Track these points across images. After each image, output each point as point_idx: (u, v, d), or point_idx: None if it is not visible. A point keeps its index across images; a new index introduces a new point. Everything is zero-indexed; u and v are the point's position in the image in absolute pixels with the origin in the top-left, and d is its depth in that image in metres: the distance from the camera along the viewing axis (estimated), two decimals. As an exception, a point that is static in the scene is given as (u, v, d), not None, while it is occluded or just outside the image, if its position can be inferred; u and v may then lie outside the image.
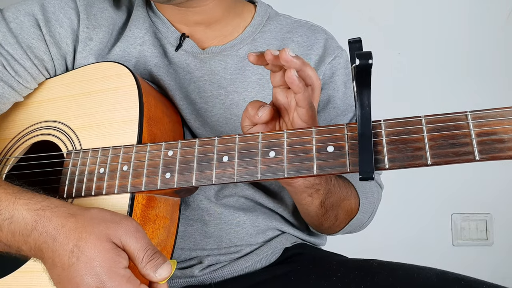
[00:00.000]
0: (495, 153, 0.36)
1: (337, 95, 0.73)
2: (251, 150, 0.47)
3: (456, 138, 0.38)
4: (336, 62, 0.74)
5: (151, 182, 0.52)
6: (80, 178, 0.57)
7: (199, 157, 0.50)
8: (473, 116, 0.39)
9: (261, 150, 0.46)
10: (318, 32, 0.76)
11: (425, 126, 0.40)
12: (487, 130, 0.37)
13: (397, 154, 0.39)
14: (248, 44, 0.71)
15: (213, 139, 0.50)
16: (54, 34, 0.64)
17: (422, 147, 0.39)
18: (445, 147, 0.38)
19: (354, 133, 0.42)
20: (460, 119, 0.39)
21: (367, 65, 0.36)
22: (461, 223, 1.41)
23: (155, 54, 0.68)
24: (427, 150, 0.39)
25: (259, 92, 0.69)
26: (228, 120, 0.67)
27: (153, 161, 0.53)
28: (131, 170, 0.54)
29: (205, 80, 0.68)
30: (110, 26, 0.68)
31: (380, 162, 0.40)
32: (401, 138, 0.40)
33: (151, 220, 0.57)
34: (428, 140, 0.39)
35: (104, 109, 0.60)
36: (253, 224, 0.69)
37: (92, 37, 0.66)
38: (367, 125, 0.39)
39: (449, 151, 0.38)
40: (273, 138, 0.46)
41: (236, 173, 0.47)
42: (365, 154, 0.39)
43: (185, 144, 0.51)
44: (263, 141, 0.47)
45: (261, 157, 0.46)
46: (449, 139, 0.38)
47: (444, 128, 0.39)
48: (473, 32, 1.41)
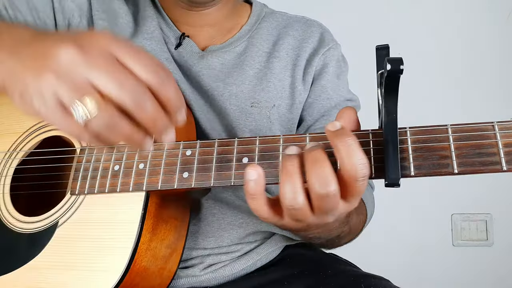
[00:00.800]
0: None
1: (329, 85, 0.74)
2: (272, 152, 0.47)
3: (483, 148, 0.38)
4: (330, 54, 0.75)
5: (168, 180, 0.52)
6: (93, 174, 0.56)
7: (218, 157, 0.50)
8: (500, 126, 0.39)
9: (282, 153, 0.46)
10: (314, 26, 0.78)
11: (451, 134, 0.40)
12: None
13: (423, 161, 0.40)
14: (245, 41, 0.74)
15: (232, 140, 0.50)
16: (63, 4, 0.68)
17: (448, 156, 0.39)
18: (472, 156, 0.38)
19: (379, 139, 0.42)
20: (487, 129, 0.39)
21: (398, 71, 0.36)
22: (461, 223, 1.41)
23: (163, 50, 0.69)
24: (453, 159, 0.39)
25: (257, 85, 0.70)
26: (228, 111, 0.68)
27: (171, 160, 0.52)
28: (147, 168, 0.53)
29: (203, 74, 0.69)
30: (114, 15, 0.70)
31: (405, 169, 0.40)
32: (426, 146, 0.40)
33: (164, 220, 0.57)
34: (455, 149, 0.39)
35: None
36: (255, 224, 0.69)
37: (103, 18, 0.69)
38: (394, 132, 0.39)
39: (476, 160, 0.38)
40: (295, 141, 0.46)
41: (257, 175, 0.47)
42: (391, 161, 0.39)
43: (204, 144, 0.51)
44: (285, 143, 0.47)
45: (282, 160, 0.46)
46: (476, 148, 0.39)
47: (470, 137, 0.39)
48: (473, 32, 1.42)
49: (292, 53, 0.74)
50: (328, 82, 0.74)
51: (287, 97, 0.72)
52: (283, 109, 0.71)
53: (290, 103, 0.72)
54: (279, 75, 0.71)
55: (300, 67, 0.73)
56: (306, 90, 0.74)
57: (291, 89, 0.72)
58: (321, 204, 0.40)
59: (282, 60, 0.73)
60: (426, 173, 0.39)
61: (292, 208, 0.40)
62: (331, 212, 0.41)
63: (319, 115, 0.73)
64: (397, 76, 0.38)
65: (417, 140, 0.41)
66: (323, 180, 0.39)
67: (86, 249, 0.54)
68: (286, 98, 0.71)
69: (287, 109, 0.71)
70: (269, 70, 0.71)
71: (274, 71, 0.71)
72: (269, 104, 0.69)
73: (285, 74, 0.72)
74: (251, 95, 0.69)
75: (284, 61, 0.73)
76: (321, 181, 0.39)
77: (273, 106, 0.70)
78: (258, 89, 0.69)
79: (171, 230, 0.58)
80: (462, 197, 1.41)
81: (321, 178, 0.39)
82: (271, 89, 0.70)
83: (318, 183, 0.39)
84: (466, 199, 1.41)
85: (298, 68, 0.73)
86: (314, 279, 0.63)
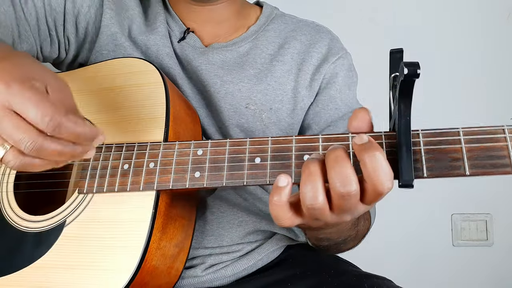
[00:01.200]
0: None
1: (339, 96, 0.74)
2: (285, 153, 0.47)
3: (494, 150, 0.39)
4: (340, 63, 0.74)
5: (179, 180, 0.52)
6: (102, 173, 0.56)
7: (230, 157, 0.50)
8: (510, 130, 0.40)
9: (295, 153, 0.47)
10: (323, 32, 0.77)
11: (463, 137, 0.41)
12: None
13: (435, 163, 0.40)
14: (250, 42, 0.73)
15: (245, 140, 0.50)
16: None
17: (460, 158, 0.40)
18: (483, 158, 0.39)
19: (392, 141, 0.42)
20: (497, 133, 0.40)
21: (415, 74, 0.37)
22: (461, 223, 1.41)
23: (166, 44, 0.69)
24: (465, 161, 0.40)
25: (256, 84, 0.70)
26: (222, 109, 0.68)
27: (182, 159, 0.53)
28: (158, 168, 0.53)
29: (202, 69, 0.69)
30: (124, 8, 0.71)
31: (418, 170, 0.41)
32: (439, 149, 0.41)
33: (173, 219, 0.57)
34: (466, 152, 0.40)
35: (128, 104, 0.59)
36: (255, 223, 0.69)
37: (113, 8, 0.70)
38: (408, 134, 0.40)
39: (487, 162, 0.39)
40: (308, 142, 0.47)
41: (269, 175, 0.47)
42: (405, 163, 0.39)
43: (216, 144, 0.52)
44: (297, 144, 0.47)
45: (295, 160, 0.47)
46: (487, 151, 0.40)
47: (481, 140, 0.40)
48: (473, 32, 1.42)
49: (297, 58, 0.73)
50: (337, 92, 0.74)
51: (288, 101, 0.71)
52: (283, 114, 0.70)
53: (291, 108, 0.71)
54: (280, 78, 0.71)
55: (306, 72, 0.72)
56: (311, 97, 0.73)
57: (293, 94, 0.71)
58: (341, 204, 0.41)
59: (286, 64, 0.72)
60: (439, 175, 0.40)
61: (312, 207, 0.41)
62: (350, 211, 0.42)
63: (326, 124, 0.73)
64: (413, 80, 0.39)
65: (429, 142, 0.41)
66: (344, 179, 0.39)
67: (95, 248, 0.54)
68: (287, 103, 0.71)
69: (287, 114, 0.71)
70: (270, 72, 0.71)
71: (276, 74, 0.71)
72: (265, 106, 0.69)
73: (288, 78, 0.71)
74: (247, 95, 0.69)
75: (288, 65, 0.72)
76: (342, 180, 0.39)
77: (269, 109, 0.69)
78: (255, 90, 0.69)
79: (179, 229, 0.59)
80: (462, 197, 1.40)
81: (342, 177, 0.40)
82: (269, 91, 0.70)
83: (340, 182, 0.40)
84: (466, 199, 1.40)
85: (304, 73, 0.72)
86: (316, 279, 0.63)
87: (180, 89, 0.68)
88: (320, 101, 0.73)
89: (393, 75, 0.42)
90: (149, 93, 0.59)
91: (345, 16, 1.41)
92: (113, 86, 0.62)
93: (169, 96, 0.58)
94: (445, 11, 1.42)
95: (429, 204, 1.40)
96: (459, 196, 1.40)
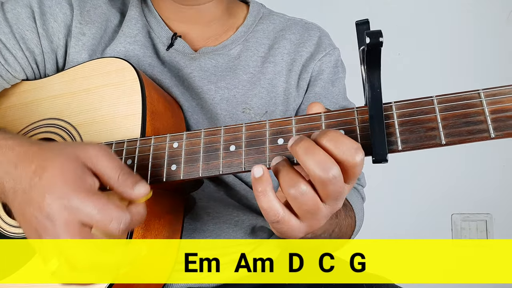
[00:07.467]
0: (511, 129, 0.36)
1: (323, 92, 0.73)
2: (259, 138, 0.46)
3: (470, 116, 0.38)
4: (327, 60, 0.73)
5: (156, 174, 0.51)
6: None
7: (205, 147, 0.49)
8: (486, 94, 0.38)
9: (269, 137, 0.46)
10: (312, 29, 0.76)
11: (437, 105, 0.39)
12: (501, 107, 0.37)
13: (410, 135, 0.39)
14: (240, 44, 0.72)
15: (219, 129, 0.49)
16: (47, 27, 0.65)
17: (435, 127, 0.38)
18: (459, 126, 0.38)
19: (365, 116, 0.41)
20: (473, 97, 0.38)
21: (377, 43, 0.35)
22: (461, 223, 1.41)
23: (147, 54, 0.68)
24: (440, 130, 0.38)
25: (250, 89, 0.69)
26: (218, 116, 0.67)
27: (158, 153, 0.52)
28: (135, 164, 0.53)
29: (194, 76, 0.67)
30: (103, 22, 0.68)
31: (393, 144, 0.39)
32: (413, 119, 0.39)
33: (157, 217, 0.56)
34: (441, 120, 0.38)
35: (105, 104, 0.59)
36: (250, 220, 0.68)
37: (85, 32, 0.66)
38: (379, 107, 0.39)
39: (463, 129, 0.37)
40: (281, 125, 0.46)
41: (244, 161, 0.46)
42: (377, 136, 0.38)
43: (191, 135, 0.51)
44: (271, 128, 0.46)
45: (269, 144, 0.45)
46: (463, 117, 0.38)
47: (456, 107, 0.38)
48: (473, 32, 1.41)
49: (287, 58, 0.72)
50: (322, 89, 0.72)
51: (281, 103, 0.70)
52: (277, 116, 0.69)
53: (284, 109, 0.70)
54: (273, 80, 0.70)
55: (295, 72, 0.71)
56: (300, 97, 0.72)
57: (285, 95, 0.70)
58: (330, 190, 0.39)
59: (277, 65, 0.71)
60: (414, 147, 0.38)
61: (295, 197, 0.39)
62: (340, 195, 0.40)
63: None
64: (378, 49, 0.37)
65: (403, 114, 0.40)
66: (323, 164, 0.38)
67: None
68: (280, 105, 0.70)
69: (280, 116, 0.70)
70: (263, 75, 0.70)
71: (268, 76, 0.70)
72: (261, 110, 0.68)
73: (280, 80, 0.70)
74: (243, 100, 0.68)
75: (279, 66, 0.71)
76: (321, 166, 0.38)
77: (265, 113, 0.68)
78: (250, 94, 0.68)
79: (165, 226, 0.58)
80: (462, 197, 1.40)
81: (320, 163, 0.38)
82: (264, 95, 0.69)
83: (319, 168, 0.38)
84: (466, 199, 1.40)
85: (293, 74, 0.71)
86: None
87: (171, 95, 0.67)
88: (305, 98, 0.72)
89: (361, 48, 0.40)
90: (124, 90, 0.58)
91: (344, 16, 1.41)
92: (91, 87, 0.61)
93: (145, 92, 0.57)
94: (445, 11, 1.42)
95: (429, 204, 1.40)
96: (459, 196, 1.39)
